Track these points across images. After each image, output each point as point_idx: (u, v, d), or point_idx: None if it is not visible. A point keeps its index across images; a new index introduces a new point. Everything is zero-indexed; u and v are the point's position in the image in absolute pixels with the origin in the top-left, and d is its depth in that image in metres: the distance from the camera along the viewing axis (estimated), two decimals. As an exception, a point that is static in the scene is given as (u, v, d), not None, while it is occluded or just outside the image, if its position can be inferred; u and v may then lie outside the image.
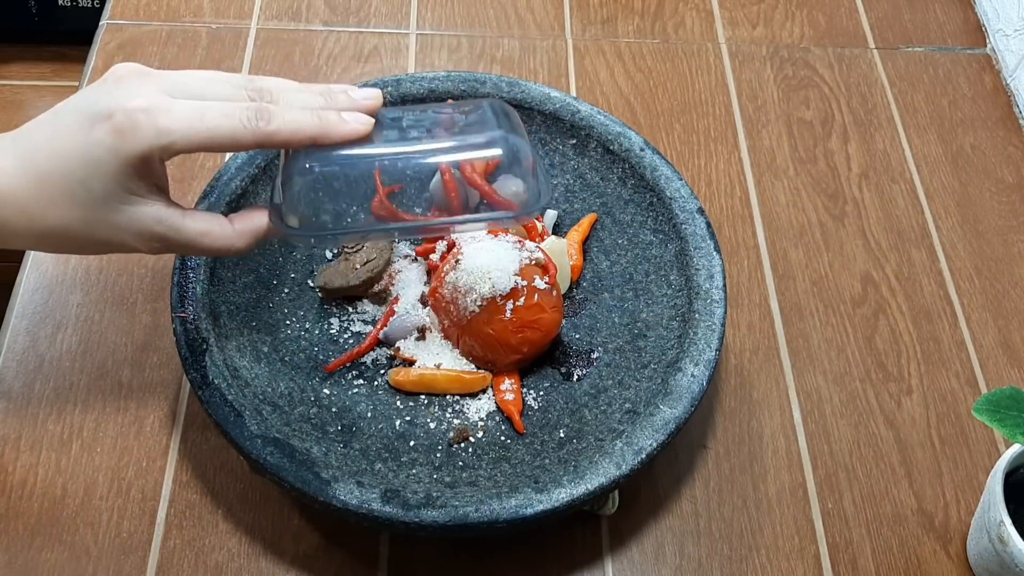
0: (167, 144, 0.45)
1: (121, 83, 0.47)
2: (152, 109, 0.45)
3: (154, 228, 0.47)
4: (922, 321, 0.69)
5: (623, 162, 0.66)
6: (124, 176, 0.45)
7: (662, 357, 0.58)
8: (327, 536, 0.56)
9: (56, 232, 0.47)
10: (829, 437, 0.63)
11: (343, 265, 0.62)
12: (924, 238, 0.73)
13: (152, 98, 0.45)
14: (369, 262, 0.62)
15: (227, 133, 0.46)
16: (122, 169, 0.45)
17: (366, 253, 0.62)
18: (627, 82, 0.81)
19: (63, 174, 0.45)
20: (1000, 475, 0.53)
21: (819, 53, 0.85)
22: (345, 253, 0.63)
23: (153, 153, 0.45)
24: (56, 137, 0.46)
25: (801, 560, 0.58)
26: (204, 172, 0.71)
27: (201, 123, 0.46)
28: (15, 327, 0.63)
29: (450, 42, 0.82)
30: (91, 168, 0.45)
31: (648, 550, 0.57)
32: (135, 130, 0.45)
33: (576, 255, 0.64)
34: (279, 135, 0.47)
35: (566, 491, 0.51)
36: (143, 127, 0.45)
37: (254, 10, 0.82)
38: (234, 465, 0.58)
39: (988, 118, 0.82)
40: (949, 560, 0.58)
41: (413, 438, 0.57)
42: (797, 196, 0.75)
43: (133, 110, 0.45)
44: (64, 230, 0.47)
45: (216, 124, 0.46)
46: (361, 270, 0.61)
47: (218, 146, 0.46)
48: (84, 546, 0.55)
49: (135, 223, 0.47)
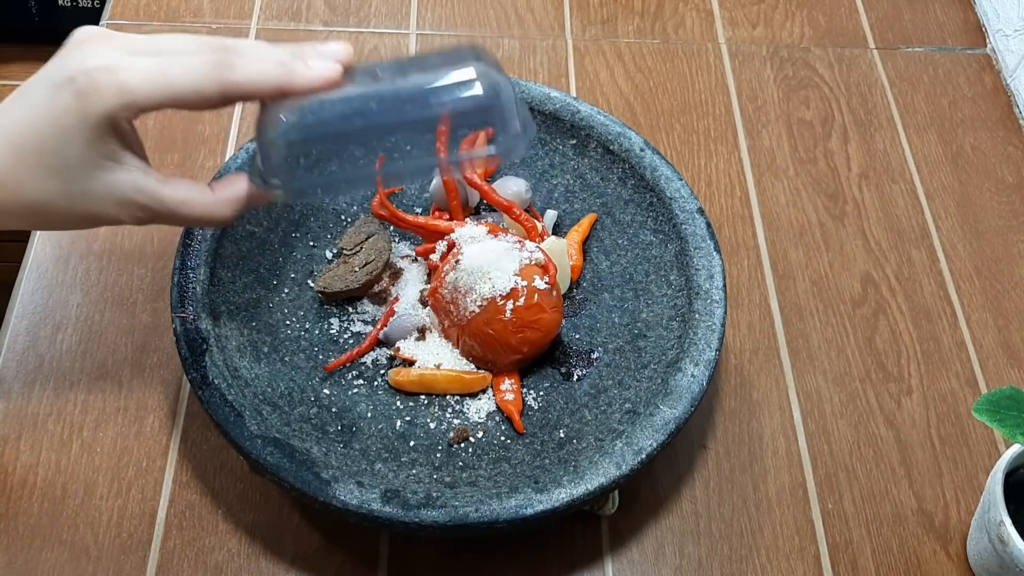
0: (129, 102, 0.44)
1: (82, 46, 0.46)
2: (112, 68, 0.44)
3: (134, 197, 0.47)
4: (922, 321, 0.69)
5: (623, 162, 0.66)
6: (95, 139, 0.45)
7: (662, 357, 0.58)
8: (327, 536, 0.56)
9: (38, 206, 0.46)
10: (829, 437, 0.63)
11: (342, 268, 0.62)
12: (924, 238, 0.73)
13: (112, 57, 0.45)
14: (368, 264, 0.62)
15: (190, 86, 0.45)
16: (92, 132, 0.45)
17: (364, 255, 0.62)
18: (627, 82, 0.81)
19: (36, 145, 0.45)
20: (1000, 475, 0.53)
21: (819, 53, 0.85)
22: (344, 255, 0.63)
23: (117, 112, 0.44)
24: (26, 109, 0.46)
25: (801, 560, 0.58)
26: (205, 172, 0.71)
27: (162, 78, 0.45)
28: (15, 327, 0.63)
29: (450, 42, 0.82)
30: (61, 135, 0.45)
31: (648, 550, 0.57)
32: (97, 90, 0.44)
33: (576, 255, 0.64)
34: (243, 85, 0.46)
35: (566, 491, 0.51)
36: (104, 86, 0.44)
37: (254, 10, 0.82)
38: (234, 465, 0.58)
39: (988, 118, 0.82)
40: (949, 560, 0.58)
41: (413, 438, 0.57)
42: (797, 196, 0.75)
43: (93, 69, 0.44)
44: (45, 203, 0.46)
45: (178, 77, 0.45)
46: (360, 272, 0.61)
47: (182, 101, 0.45)
48: (84, 546, 0.55)
49: (114, 192, 0.47)
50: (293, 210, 0.64)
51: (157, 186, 0.47)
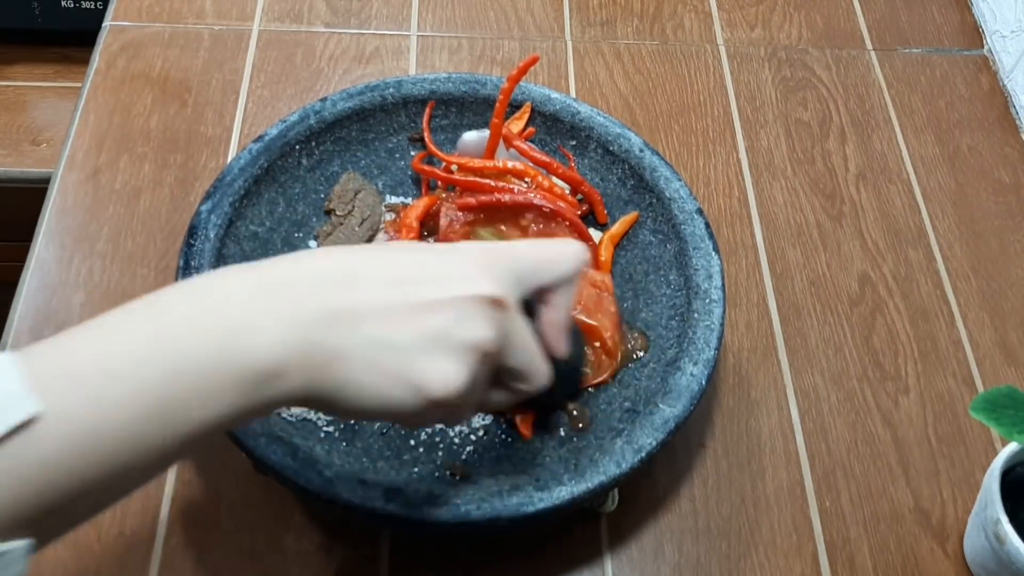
0: None
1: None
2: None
3: None
4: (919, 320, 0.69)
5: (623, 163, 0.66)
6: None
7: (661, 356, 0.59)
8: (329, 534, 0.57)
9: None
10: (827, 436, 0.63)
11: (340, 230, 0.61)
12: (921, 238, 0.74)
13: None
14: (365, 220, 0.61)
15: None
16: None
17: (359, 212, 0.61)
18: (626, 83, 0.81)
19: None
20: (997, 473, 0.53)
21: (817, 54, 0.85)
22: (337, 216, 0.61)
23: None
24: None
25: (799, 558, 0.58)
26: (207, 173, 0.72)
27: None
28: (18, 327, 0.63)
29: (451, 44, 0.82)
30: None
31: (647, 548, 0.58)
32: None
33: (606, 253, 0.64)
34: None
35: (567, 489, 0.51)
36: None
37: (256, 12, 0.83)
38: (236, 463, 0.59)
39: (985, 119, 0.82)
40: (946, 558, 0.59)
41: (414, 437, 0.57)
42: (795, 196, 0.75)
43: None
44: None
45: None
46: (361, 230, 0.60)
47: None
48: (87, 544, 0.55)
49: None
50: (296, 210, 0.65)
51: None
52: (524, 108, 0.68)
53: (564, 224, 0.62)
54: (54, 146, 1.13)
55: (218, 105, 0.76)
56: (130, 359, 0.35)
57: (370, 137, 0.68)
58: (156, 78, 0.77)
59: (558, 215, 0.62)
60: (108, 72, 0.77)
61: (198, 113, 0.75)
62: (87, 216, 0.69)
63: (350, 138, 0.67)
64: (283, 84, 0.78)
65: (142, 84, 0.77)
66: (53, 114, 1.18)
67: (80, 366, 0.35)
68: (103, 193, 0.70)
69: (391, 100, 0.68)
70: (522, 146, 0.64)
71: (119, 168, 0.72)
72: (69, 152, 0.72)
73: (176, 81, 0.77)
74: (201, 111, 0.75)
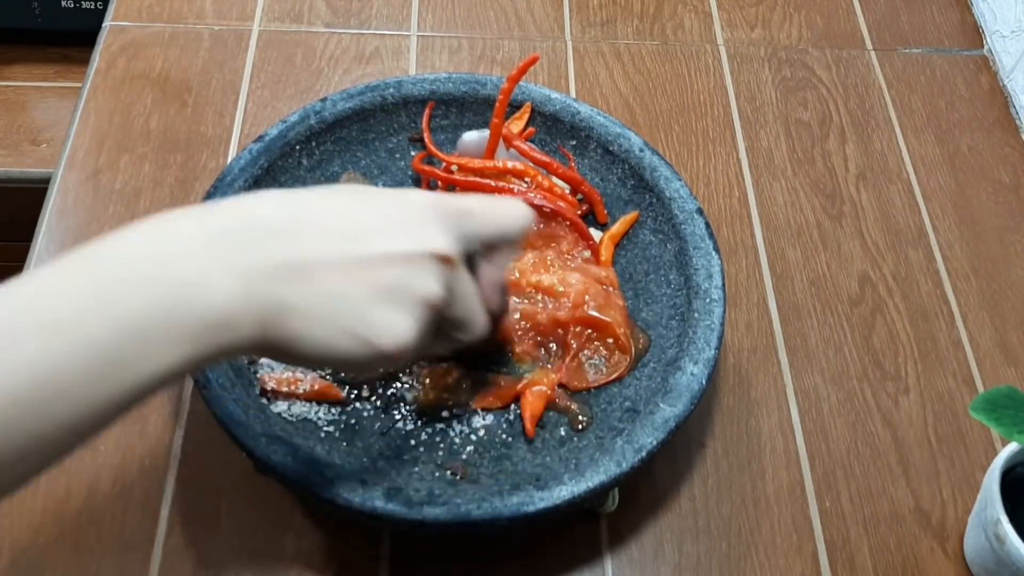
0: None
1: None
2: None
3: None
4: (919, 321, 0.69)
5: (623, 163, 0.66)
6: None
7: (662, 356, 0.59)
8: (329, 534, 0.57)
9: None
10: (827, 436, 0.63)
11: None
12: (921, 238, 0.74)
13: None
14: None
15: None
16: None
17: None
18: (626, 83, 0.81)
19: None
20: (997, 473, 0.53)
21: (817, 55, 0.85)
22: None
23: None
24: None
25: (799, 558, 0.58)
26: (208, 173, 0.72)
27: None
28: (19, 327, 0.63)
29: (451, 44, 0.82)
30: None
31: (647, 548, 0.58)
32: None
33: (606, 253, 0.64)
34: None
35: (567, 488, 0.51)
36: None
37: (256, 12, 0.83)
38: (236, 464, 0.58)
39: (985, 119, 0.82)
40: (946, 558, 0.59)
41: (414, 437, 0.57)
42: (795, 196, 0.75)
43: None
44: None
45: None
46: None
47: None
48: (87, 544, 0.55)
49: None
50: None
51: None
52: (524, 108, 0.68)
53: (564, 224, 0.62)
54: (54, 146, 1.13)
55: (218, 105, 0.76)
56: (71, 311, 0.35)
57: (370, 137, 0.68)
58: (156, 78, 0.77)
59: (558, 215, 0.62)
60: (108, 72, 0.77)
61: (198, 113, 0.75)
62: (87, 216, 0.69)
63: (350, 138, 0.67)
64: (283, 84, 0.78)
65: (142, 84, 0.77)
66: (53, 114, 1.18)
67: (17, 320, 0.34)
68: (103, 193, 0.70)
69: (391, 100, 0.68)
70: (522, 146, 0.64)
71: (119, 168, 0.72)
72: (69, 152, 0.72)
73: (176, 81, 0.77)
74: (201, 111, 0.75)
